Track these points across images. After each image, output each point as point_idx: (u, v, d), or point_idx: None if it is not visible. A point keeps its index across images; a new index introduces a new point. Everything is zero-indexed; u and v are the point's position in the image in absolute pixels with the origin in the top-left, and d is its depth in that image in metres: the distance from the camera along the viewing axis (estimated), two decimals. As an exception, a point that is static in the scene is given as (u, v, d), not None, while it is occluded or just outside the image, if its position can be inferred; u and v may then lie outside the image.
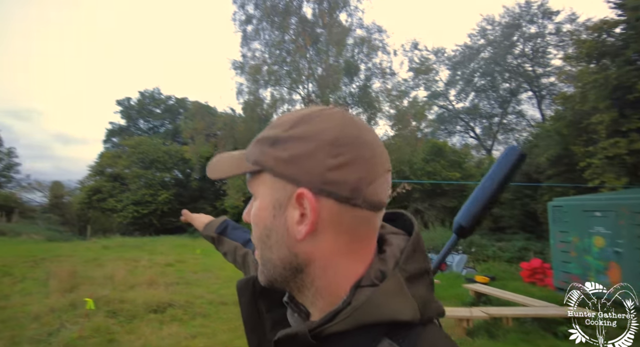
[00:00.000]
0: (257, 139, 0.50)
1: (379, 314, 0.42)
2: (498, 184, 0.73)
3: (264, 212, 0.47)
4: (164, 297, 5.83)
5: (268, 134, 0.49)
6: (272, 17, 17.59)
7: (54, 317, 4.86)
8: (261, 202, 0.48)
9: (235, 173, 0.50)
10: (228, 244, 1.07)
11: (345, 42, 17.56)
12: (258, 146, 0.49)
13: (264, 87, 18.13)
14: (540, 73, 19.48)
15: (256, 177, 0.48)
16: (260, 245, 0.49)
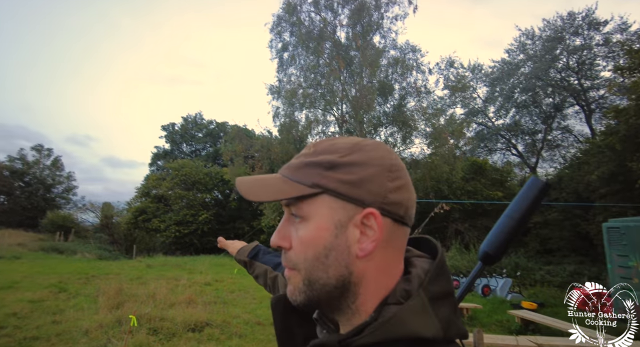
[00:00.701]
0: (306, 163, 0.52)
1: (403, 330, 0.44)
2: (523, 214, 0.74)
3: (324, 232, 0.49)
4: (202, 316, 5.96)
5: (322, 159, 0.51)
6: (307, 43, 18.23)
7: (101, 332, 5.11)
8: (319, 222, 0.49)
9: (291, 195, 0.50)
10: (259, 268, 1.11)
11: (379, 63, 17.75)
12: (312, 170, 0.51)
13: (299, 110, 18.62)
14: (587, 86, 18.48)
15: (311, 199, 0.50)
16: (311, 265, 0.49)
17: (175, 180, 25.34)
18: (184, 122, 35.68)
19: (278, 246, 0.53)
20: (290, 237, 0.52)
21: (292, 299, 0.52)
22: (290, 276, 0.52)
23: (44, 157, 34.06)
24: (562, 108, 19.72)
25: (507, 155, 22.80)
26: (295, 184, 0.51)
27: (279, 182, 0.52)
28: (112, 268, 12.97)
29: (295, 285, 0.51)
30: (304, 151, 0.55)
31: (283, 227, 0.53)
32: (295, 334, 0.58)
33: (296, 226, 0.51)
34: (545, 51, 18.10)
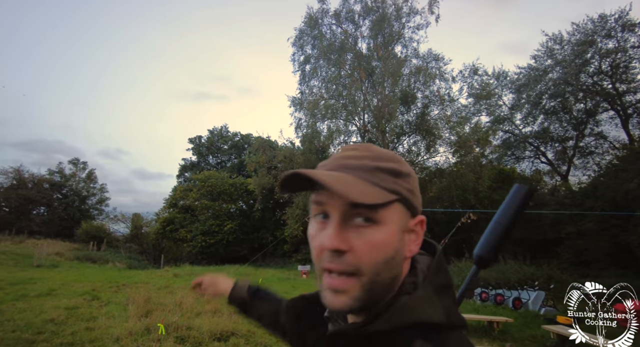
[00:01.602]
0: (376, 167, 0.54)
1: (413, 316, 0.51)
2: (510, 219, 0.80)
3: (394, 236, 0.52)
4: (228, 325, 6.02)
5: (388, 166, 0.54)
6: (328, 55, 18.48)
7: (131, 340, 5.26)
8: (391, 227, 0.52)
9: (382, 201, 0.50)
10: (265, 306, 1.00)
11: (401, 72, 17.74)
12: (384, 175, 0.53)
13: (321, 121, 18.81)
14: (623, 90, 17.65)
15: (389, 205, 0.52)
16: (380, 267, 0.51)
17: (201, 191, 25.99)
18: (210, 135, 36.69)
19: (337, 248, 0.50)
20: (350, 240, 0.51)
21: (342, 309, 0.51)
22: (340, 286, 0.51)
23: (80, 170, 35.84)
24: (594, 113, 18.90)
25: (536, 163, 22.01)
26: (379, 189, 0.52)
27: (362, 184, 0.51)
28: (141, 277, 13.35)
29: (351, 294, 0.50)
30: (350, 153, 0.56)
31: (341, 230, 0.51)
32: (306, 336, 0.62)
33: (362, 230, 0.51)
34: (575, 55, 17.49)
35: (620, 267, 13.27)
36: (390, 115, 16.90)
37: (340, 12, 18.97)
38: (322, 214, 0.54)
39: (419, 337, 0.50)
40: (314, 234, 0.55)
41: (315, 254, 0.54)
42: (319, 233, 0.54)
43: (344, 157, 0.56)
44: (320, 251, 0.53)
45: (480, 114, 19.37)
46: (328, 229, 0.52)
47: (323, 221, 0.54)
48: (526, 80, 19.25)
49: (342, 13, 18.98)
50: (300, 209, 18.45)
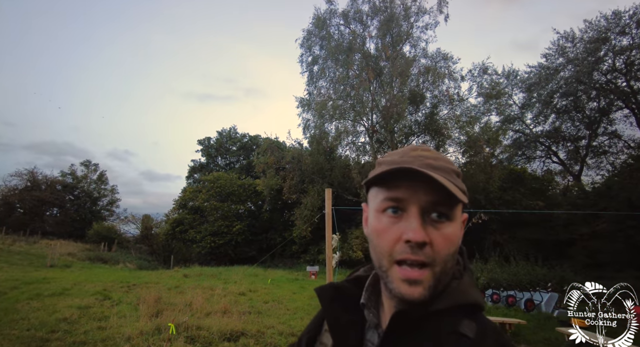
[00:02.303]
0: (450, 169, 0.61)
1: (465, 297, 0.58)
2: None
3: (460, 231, 0.60)
4: (237, 325, 6.03)
5: (456, 169, 0.62)
6: (336, 56, 18.45)
7: (142, 339, 5.29)
8: (458, 223, 0.59)
9: (465, 200, 0.58)
10: None
11: (410, 72, 17.63)
12: (454, 176, 0.60)
13: (329, 121, 18.77)
14: (638, 88, 17.29)
15: (460, 203, 0.59)
16: (449, 259, 0.57)
17: (210, 192, 26.15)
18: (218, 136, 36.92)
19: (425, 241, 0.55)
20: (430, 234, 0.56)
21: (419, 300, 0.56)
22: (418, 277, 0.55)
23: (91, 172, 36.36)
24: (608, 112, 18.53)
25: (548, 163, 21.66)
26: (458, 189, 0.58)
27: (452, 184, 0.57)
28: (151, 277, 13.46)
29: (426, 284, 0.56)
30: (426, 154, 0.61)
31: (422, 224, 0.56)
32: (341, 318, 0.66)
33: (439, 225, 0.57)
34: (587, 53, 17.18)
35: (637, 269, 12.96)
36: (399, 116, 16.81)
37: (348, 12, 18.95)
38: (393, 208, 0.58)
39: (465, 317, 0.57)
40: (385, 228, 0.58)
41: (388, 246, 0.57)
42: (392, 227, 0.58)
43: (422, 157, 0.60)
44: (394, 243, 0.57)
45: (490, 113, 19.13)
46: (409, 223, 0.56)
47: (395, 215, 0.58)
48: (537, 79, 18.97)
49: (350, 13, 18.95)
50: (309, 210, 18.43)
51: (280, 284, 13.02)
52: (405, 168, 0.55)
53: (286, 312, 7.96)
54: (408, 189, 0.56)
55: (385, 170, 0.56)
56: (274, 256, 22.79)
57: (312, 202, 18.40)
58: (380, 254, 0.59)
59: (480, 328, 0.56)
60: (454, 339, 0.55)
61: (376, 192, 0.61)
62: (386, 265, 0.58)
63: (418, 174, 0.55)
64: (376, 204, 0.60)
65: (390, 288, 0.58)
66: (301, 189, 19.95)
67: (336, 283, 0.72)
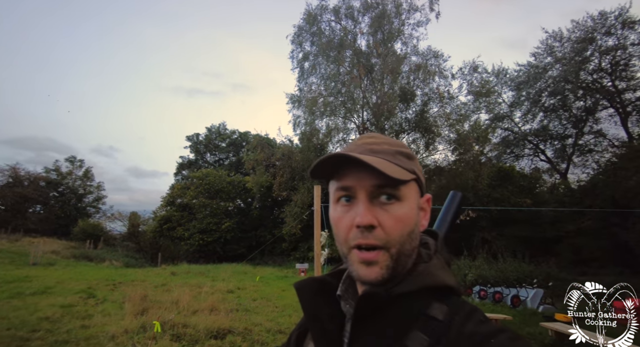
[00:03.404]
0: (396, 151, 0.62)
1: (433, 279, 0.57)
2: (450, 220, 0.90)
3: (414, 211, 0.60)
4: (225, 323, 5.95)
5: (403, 150, 0.63)
6: (327, 52, 18.34)
7: (127, 337, 5.18)
8: (411, 203, 0.60)
9: (409, 178, 0.59)
10: None
11: (401, 70, 17.62)
12: (402, 158, 0.62)
13: (319, 118, 18.67)
14: (622, 88, 17.60)
15: (409, 183, 0.60)
16: (405, 240, 0.58)
17: (199, 189, 25.87)
18: (207, 133, 36.53)
19: (369, 224, 0.56)
20: (378, 216, 0.57)
21: (376, 280, 0.56)
22: (373, 258, 0.56)
23: (76, 168, 35.60)
24: (594, 111, 18.85)
25: (535, 161, 21.97)
26: (402, 169, 0.59)
27: (391, 164, 0.58)
28: (137, 275, 13.26)
29: (382, 264, 0.56)
30: (369, 140, 0.64)
31: (369, 208, 0.57)
32: (321, 312, 0.64)
33: (387, 207, 0.57)
34: (574, 53, 17.43)
35: (619, 266, 13.26)
36: (390, 113, 16.81)
37: (340, 8, 18.84)
38: (345, 197, 0.60)
39: (435, 300, 0.56)
40: (339, 216, 0.60)
41: (344, 233, 0.59)
42: (346, 215, 0.59)
43: (365, 144, 0.63)
44: (349, 229, 0.58)
45: (480, 111, 19.27)
46: (357, 208, 0.57)
47: (347, 203, 0.59)
48: (526, 78, 19.18)
49: (341, 9, 18.84)
50: (299, 207, 18.35)
51: (269, 281, 12.94)
52: (335, 155, 0.56)
53: (274, 309, 7.90)
54: (354, 176, 0.58)
55: (318, 161, 0.57)
56: (264, 254, 22.68)
57: (302, 199, 18.32)
58: (339, 242, 0.60)
59: (451, 310, 0.55)
60: (423, 322, 0.54)
61: (331, 185, 0.63)
62: (345, 251, 0.59)
63: (354, 160, 0.55)
64: (332, 195, 0.63)
65: (351, 272, 0.60)
66: (291, 186, 19.85)
67: (317, 277, 0.71)
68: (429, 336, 0.52)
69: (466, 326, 0.53)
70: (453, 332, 0.52)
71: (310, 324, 0.64)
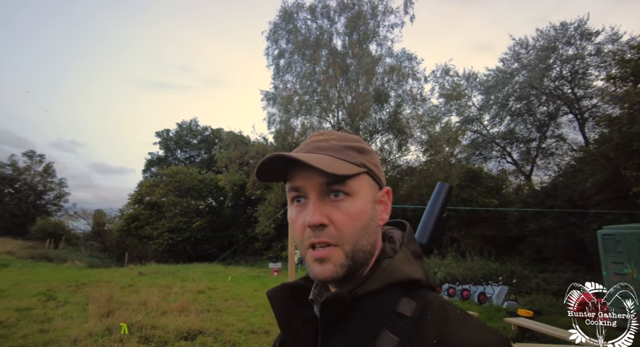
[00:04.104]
0: (344, 146, 0.61)
1: (399, 274, 0.56)
2: (439, 210, 0.90)
3: (367, 205, 0.58)
4: (195, 324, 5.80)
5: (353, 144, 0.62)
6: (303, 50, 18.29)
7: (91, 341, 4.93)
8: (363, 197, 0.58)
9: (354, 172, 0.57)
10: None
11: (375, 71, 17.84)
12: (351, 152, 0.60)
13: (295, 117, 18.60)
14: (581, 95, 18.68)
15: (358, 177, 0.58)
16: (359, 235, 0.56)
17: (169, 186, 25.10)
18: (178, 129, 35.51)
19: (319, 222, 0.55)
20: (329, 214, 0.56)
21: (331, 277, 0.55)
22: (326, 255, 0.55)
23: (35, 164, 33.59)
24: (556, 116, 19.90)
25: (502, 163, 22.92)
26: (349, 163, 0.58)
27: (335, 160, 0.57)
28: (103, 276, 12.70)
29: (335, 261, 0.55)
30: (318, 138, 0.63)
31: (320, 206, 0.56)
32: (294, 317, 0.62)
33: (338, 203, 0.56)
34: (539, 60, 18.31)
35: (575, 262, 14.05)
36: (364, 113, 16.99)
37: (316, 7, 18.82)
38: (298, 197, 0.59)
39: (403, 296, 0.54)
40: (294, 217, 0.60)
41: (299, 234, 0.59)
42: (299, 215, 0.59)
43: (313, 141, 0.62)
44: (303, 229, 0.58)
45: (451, 114, 19.88)
46: (308, 208, 0.57)
47: (300, 203, 0.59)
48: (494, 82, 19.95)
49: (317, 8, 18.83)
50: (273, 206, 18.20)
51: (241, 281, 12.74)
52: (275, 156, 0.55)
53: (247, 309, 7.78)
54: (302, 176, 0.57)
55: (260, 163, 0.57)
56: (236, 253, 22.31)
57: (276, 198, 18.18)
58: (298, 243, 0.60)
59: (420, 305, 0.53)
60: (392, 320, 0.52)
61: (286, 186, 0.62)
62: (303, 252, 0.59)
63: (295, 161, 0.54)
64: (287, 196, 0.62)
65: (308, 272, 0.59)
66: (265, 185, 19.66)
67: (290, 282, 0.68)
68: (399, 335, 0.50)
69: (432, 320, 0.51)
70: (419, 327, 0.50)
71: (284, 331, 0.61)
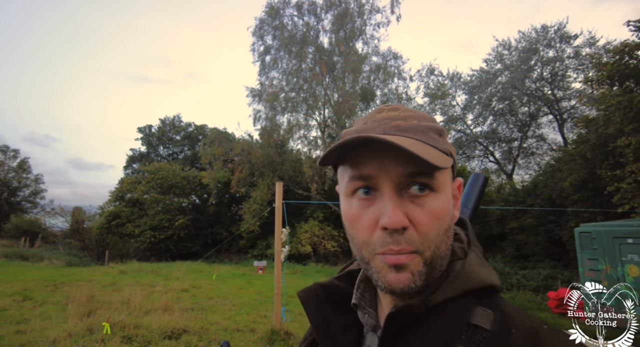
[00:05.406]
0: (427, 127, 0.49)
1: (475, 280, 0.47)
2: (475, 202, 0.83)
3: (449, 203, 0.48)
4: (179, 323, 5.70)
5: (432, 125, 0.50)
6: (289, 47, 18.18)
7: (70, 342, 4.79)
8: (447, 194, 0.48)
9: (448, 165, 0.46)
10: None
11: (362, 69, 17.91)
12: (434, 135, 0.49)
13: (281, 114, 18.51)
14: (560, 96, 19.24)
15: (444, 169, 0.46)
16: (442, 239, 0.46)
17: (151, 183, 24.58)
18: (161, 124, 34.80)
19: (403, 226, 0.44)
20: (410, 214, 0.45)
21: (408, 288, 0.45)
22: (404, 260, 0.45)
23: (10, 159, 32.36)
24: (537, 117, 20.43)
25: (485, 162, 23.39)
26: (438, 151, 0.47)
27: (426, 147, 0.46)
28: (82, 275, 12.36)
29: (414, 269, 0.45)
30: (393, 114, 0.50)
31: (398, 204, 0.45)
32: (332, 324, 0.54)
33: (421, 200, 0.46)
34: (521, 61, 18.74)
35: (553, 259, 14.48)
36: (351, 111, 17.03)
37: (303, 3, 18.72)
38: (364, 189, 0.47)
39: (477, 304, 0.46)
40: (357, 213, 0.48)
41: (364, 236, 0.47)
42: (365, 211, 0.47)
43: (389, 118, 0.50)
44: (371, 231, 0.46)
45: (435, 113, 20.12)
46: (382, 205, 0.45)
47: (366, 197, 0.47)
48: (478, 83, 20.31)
49: (304, 5, 18.73)
50: (258, 203, 18.07)
51: (226, 279, 12.62)
52: (357, 138, 0.44)
53: (232, 307, 7.71)
54: (376, 162, 0.46)
55: (333, 146, 0.46)
56: (220, 251, 22.08)
57: (261, 195, 18.06)
58: (358, 246, 0.48)
59: (498, 316, 0.45)
60: (468, 334, 0.44)
61: (342, 172, 0.51)
62: (367, 257, 0.48)
63: (382, 143, 0.43)
64: (344, 187, 0.50)
65: (375, 279, 0.47)
66: (250, 182, 19.49)
67: (324, 282, 0.59)
68: None
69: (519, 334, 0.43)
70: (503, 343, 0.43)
71: (321, 338, 0.54)
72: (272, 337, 5.19)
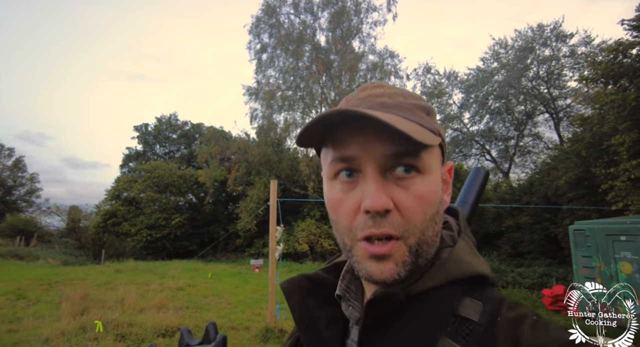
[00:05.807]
0: (414, 105, 0.47)
1: (463, 268, 0.45)
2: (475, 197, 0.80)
3: (438, 186, 0.46)
4: (174, 321, 5.69)
5: (419, 103, 0.48)
6: (286, 45, 18.14)
7: (63, 340, 4.77)
8: (435, 175, 0.45)
9: (435, 142, 0.43)
10: None
11: (358, 67, 17.89)
12: (422, 113, 0.47)
13: (277, 112, 18.48)
14: (556, 95, 19.31)
15: (432, 148, 0.45)
16: (427, 225, 0.44)
17: (147, 182, 24.50)
18: (157, 123, 34.68)
19: (384, 208, 0.41)
20: (394, 196, 0.43)
21: (391, 279, 0.43)
22: (386, 251, 0.42)
23: (4, 158, 32.17)
24: (533, 115, 20.49)
25: (482, 160, 23.44)
26: (425, 129, 0.44)
27: (412, 124, 0.43)
28: (77, 273, 12.32)
29: (398, 259, 0.43)
30: (378, 91, 0.48)
31: (382, 186, 0.42)
32: (316, 317, 0.51)
33: (406, 182, 0.43)
34: (517, 60, 18.79)
35: (549, 257, 14.56)
36: (347, 110, 17.00)
37: (299, 1, 18.68)
38: (347, 171, 0.45)
39: (466, 295, 0.44)
40: (339, 197, 0.45)
41: (347, 220, 0.45)
42: (348, 195, 0.45)
43: (373, 96, 0.47)
44: (353, 214, 0.44)
45: (432, 112, 20.12)
46: (365, 187, 0.43)
47: (349, 179, 0.45)
48: (474, 81, 20.35)
49: (301, 3, 18.69)
50: (254, 202, 18.05)
51: (221, 278, 12.60)
52: (335, 112, 0.40)
53: (227, 306, 7.70)
54: (358, 142, 0.43)
55: (309, 123, 0.42)
56: (216, 250, 22.06)
57: (258, 194, 18.03)
58: (340, 232, 0.46)
59: (488, 308, 0.43)
60: (454, 326, 0.42)
61: (325, 154, 0.48)
62: (348, 243, 0.45)
63: (361, 118, 0.40)
64: (326, 169, 0.47)
65: (357, 269, 0.45)
66: (247, 181, 19.46)
67: (308, 274, 0.56)
68: (462, 344, 0.40)
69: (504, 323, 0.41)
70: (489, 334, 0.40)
71: (303, 332, 0.51)
72: (266, 335, 5.19)
